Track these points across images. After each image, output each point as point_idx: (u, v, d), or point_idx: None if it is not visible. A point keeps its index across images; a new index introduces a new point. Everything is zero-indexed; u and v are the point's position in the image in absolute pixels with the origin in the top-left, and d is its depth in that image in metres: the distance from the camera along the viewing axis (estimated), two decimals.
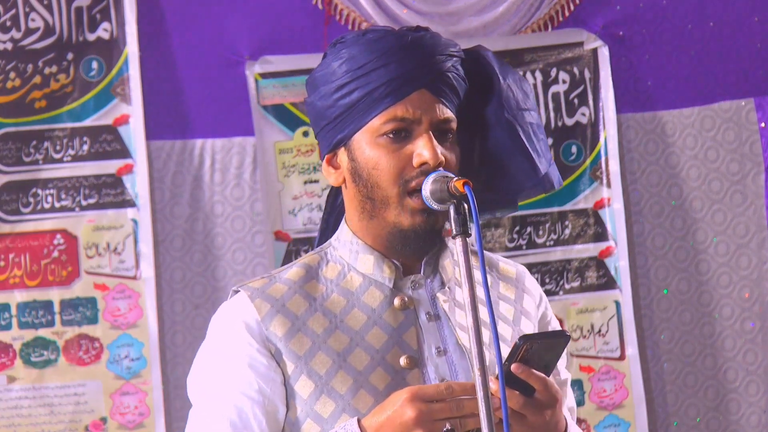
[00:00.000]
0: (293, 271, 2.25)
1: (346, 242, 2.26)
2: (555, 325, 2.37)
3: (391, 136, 2.18)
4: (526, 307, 2.31)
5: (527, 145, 2.25)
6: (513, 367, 2.03)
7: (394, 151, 2.18)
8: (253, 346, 2.18)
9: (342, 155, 2.24)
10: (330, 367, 2.16)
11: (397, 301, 2.21)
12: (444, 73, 2.20)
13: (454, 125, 2.21)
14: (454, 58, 2.23)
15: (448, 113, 2.20)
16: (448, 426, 2.01)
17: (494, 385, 2.01)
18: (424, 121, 2.17)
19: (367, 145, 2.19)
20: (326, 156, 2.26)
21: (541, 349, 2.06)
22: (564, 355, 2.27)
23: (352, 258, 2.24)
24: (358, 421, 2.08)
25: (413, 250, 2.21)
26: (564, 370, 2.34)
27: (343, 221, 2.28)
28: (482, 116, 2.27)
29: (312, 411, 2.17)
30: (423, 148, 2.16)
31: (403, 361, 2.16)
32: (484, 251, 2.30)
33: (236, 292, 2.24)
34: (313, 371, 2.16)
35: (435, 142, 2.16)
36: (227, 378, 2.19)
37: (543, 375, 2.06)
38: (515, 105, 2.26)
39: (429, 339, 2.19)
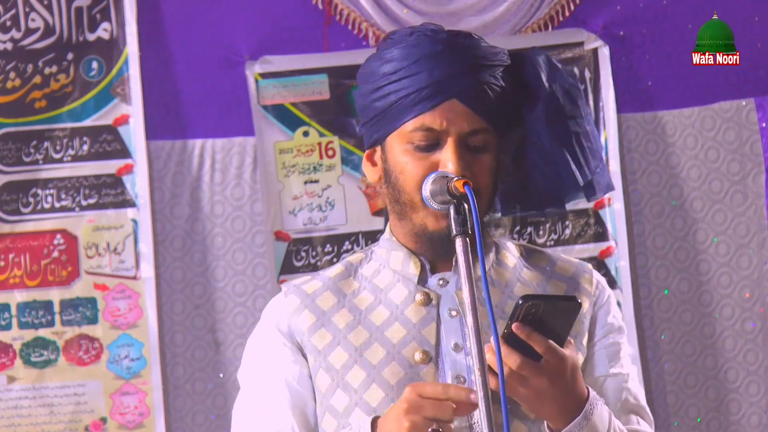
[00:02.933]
0: (334, 268, 2.30)
1: (386, 240, 2.29)
2: (618, 328, 2.29)
3: (419, 144, 2.18)
4: None
5: (566, 154, 2.23)
6: (514, 326, 2.01)
7: (420, 159, 2.17)
8: (279, 340, 2.23)
9: (378, 153, 2.26)
10: (346, 362, 2.18)
11: (419, 297, 2.22)
12: (478, 83, 2.18)
13: (486, 137, 2.18)
14: (493, 68, 2.20)
15: (480, 124, 2.17)
16: (434, 426, 1.99)
17: (491, 356, 1.99)
18: (452, 132, 2.16)
19: (398, 149, 2.20)
20: (367, 152, 2.28)
21: (547, 313, 2.01)
22: (625, 346, 2.26)
23: (387, 255, 2.27)
24: (375, 419, 2.09)
25: (440, 251, 2.21)
26: (627, 364, 2.28)
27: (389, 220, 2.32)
28: (526, 120, 2.24)
29: (329, 405, 2.19)
30: (447, 161, 2.15)
31: (418, 356, 2.17)
32: (546, 250, 2.34)
33: (281, 289, 2.31)
34: (330, 365, 2.19)
35: (460, 154, 2.15)
36: (260, 374, 2.24)
37: (545, 338, 2.02)
38: (558, 112, 2.24)
39: (449, 335, 2.19)
